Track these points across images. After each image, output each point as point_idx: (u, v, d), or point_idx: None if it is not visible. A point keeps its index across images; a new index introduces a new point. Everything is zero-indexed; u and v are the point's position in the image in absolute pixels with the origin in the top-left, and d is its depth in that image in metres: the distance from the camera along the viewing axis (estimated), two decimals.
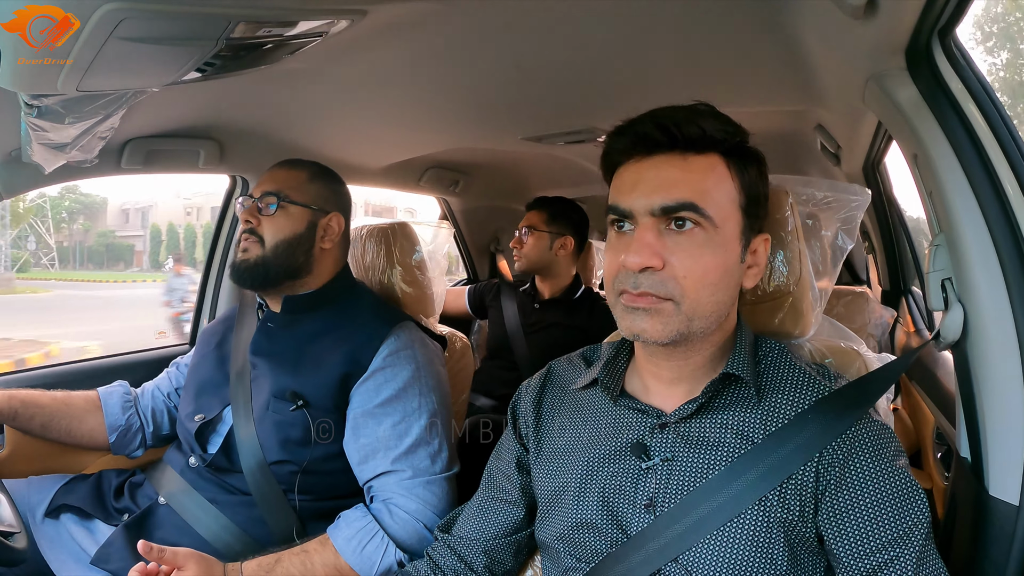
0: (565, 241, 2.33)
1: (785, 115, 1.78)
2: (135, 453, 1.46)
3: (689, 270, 0.76)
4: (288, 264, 1.30)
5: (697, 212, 0.76)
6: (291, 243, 1.30)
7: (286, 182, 1.33)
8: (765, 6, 1.02)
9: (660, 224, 0.77)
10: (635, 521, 0.81)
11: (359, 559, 1.12)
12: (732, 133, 0.80)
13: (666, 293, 0.76)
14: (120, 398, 1.44)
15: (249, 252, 1.30)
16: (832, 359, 0.99)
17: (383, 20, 1.00)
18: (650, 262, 0.76)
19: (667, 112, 0.79)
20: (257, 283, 1.31)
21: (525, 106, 1.65)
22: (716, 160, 0.79)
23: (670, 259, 0.76)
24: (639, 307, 0.77)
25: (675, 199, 0.76)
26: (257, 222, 1.30)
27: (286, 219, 1.31)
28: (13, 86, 0.85)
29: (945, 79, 0.85)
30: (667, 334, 0.77)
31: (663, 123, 0.78)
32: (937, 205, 0.87)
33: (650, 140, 0.79)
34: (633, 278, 0.77)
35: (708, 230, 0.77)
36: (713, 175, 0.78)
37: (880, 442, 0.77)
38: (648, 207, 0.77)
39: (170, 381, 1.51)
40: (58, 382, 1.44)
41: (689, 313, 0.77)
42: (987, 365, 0.82)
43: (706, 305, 0.78)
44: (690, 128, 0.78)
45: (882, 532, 0.73)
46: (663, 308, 0.77)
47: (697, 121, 0.78)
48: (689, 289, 0.76)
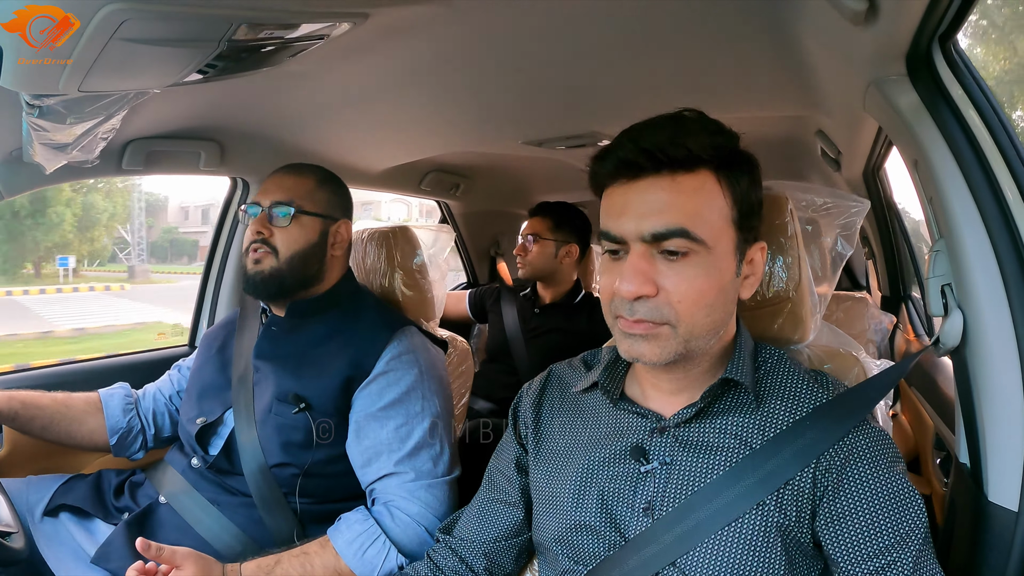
0: (570, 248, 2.32)
1: (786, 120, 1.78)
2: (136, 455, 1.45)
3: (684, 295, 0.75)
4: (303, 275, 1.30)
5: (688, 238, 0.74)
6: (306, 254, 1.29)
7: (296, 190, 1.30)
8: (766, 12, 1.02)
9: (652, 249, 0.76)
10: (633, 524, 0.81)
11: (360, 562, 1.12)
12: (721, 144, 0.77)
13: (661, 319, 0.76)
14: (121, 400, 1.43)
15: (262, 264, 1.27)
16: (831, 365, 0.99)
17: (385, 23, 1.01)
18: (643, 290, 0.75)
19: (649, 133, 0.77)
20: (272, 294, 1.30)
21: (526, 110, 1.65)
22: (706, 177, 0.77)
23: (664, 284, 0.76)
24: (636, 333, 0.77)
25: (665, 225, 0.74)
26: (269, 232, 1.27)
27: (300, 230, 1.29)
28: (14, 86, 0.85)
29: (946, 85, 0.85)
30: (665, 356, 0.77)
31: (646, 148, 0.75)
32: (937, 211, 0.87)
33: (633, 165, 0.77)
34: (628, 305, 0.77)
35: (701, 253, 0.76)
36: (703, 194, 0.76)
37: (878, 448, 0.77)
38: (638, 233, 0.75)
39: (171, 384, 1.50)
40: (59, 383, 1.43)
41: (686, 335, 0.77)
42: (987, 371, 0.81)
43: (702, 326, 0.77)
44: (676, 150, 0.75)
45: (879, 537, 0.73)
46: (660, 332, 0.77)
47: (682, 140, 0.75)
48: (684, 313, 0.76)
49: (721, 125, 0.79)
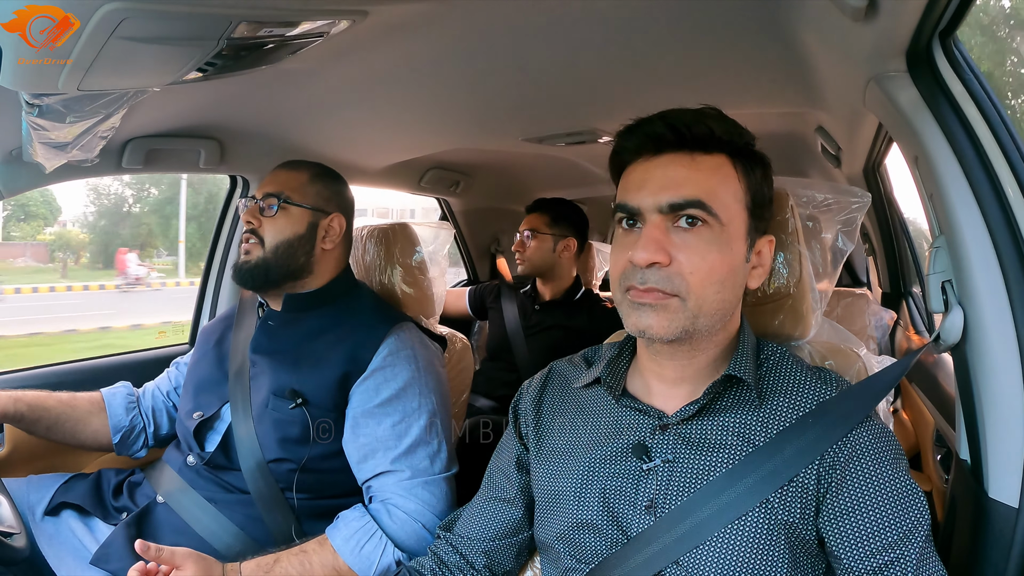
0: (568, 243, 2.33)
1: (786, 117, 1.78)
2: (138, 454, 1.46)
3: (696, 267, 0.77)
4: (288, 265, 1.31)
5: (704, 209, 0.77)
6: (291, 244, 1.31)
7: (287, 183, 1.33)
8: (766, 8, 1.02)
9: (667, 221, 0.79)
10: (636, 522, 0.81)
11: (357, 559, 1.12)
12: (739, 135, 0.82)
13: (672, 289, 0.77)
14: (124, 399, 1.44)
15: (251, 254, 1.31)
16: (832, 361, 0.99)
17: (384, 21, 1.00)
18: (657, 257, 0.76)
19: (676, 113, 0.81)
20: (258, 284, 1.31)
21: (526, 107, 1.65)
22: (723, 160, 0.81)
23: (677, 256, 0.77)
24: (645, 303, 0.78)
25: (683, 196, 0.77)
26: (258, 223, 1.31)
27: (286, 220, 1.31)
28: (14, 85, 0.85)
29: (946, 81, 0.85)
30: (672, 330, 0.78)
31: (672, 123, 0.80)
32: (938, 207, 0.87)
33: (659, 139, 0.81)
34: (640, 274, 0.78)
35: (715, 228, 0.78)
36: (720, 174, 0.80)
37: (881, 445, 0.77)
38: (656, 204, 0.78)
39: (169, 380, 1.51)
40: (60, 382, 1.44)
41: (695, 310, 0.78)
42: (987, 367, 0.81)
43: (711, 302, 0.78)
44: (699, 128, 0.80)
45: (883, 534, 0.73)
46: (669, 304, 0.77)
47: (705, 122, 0.80)
48: (695, 285, 0.77)
49: (738, 123, 0.83)
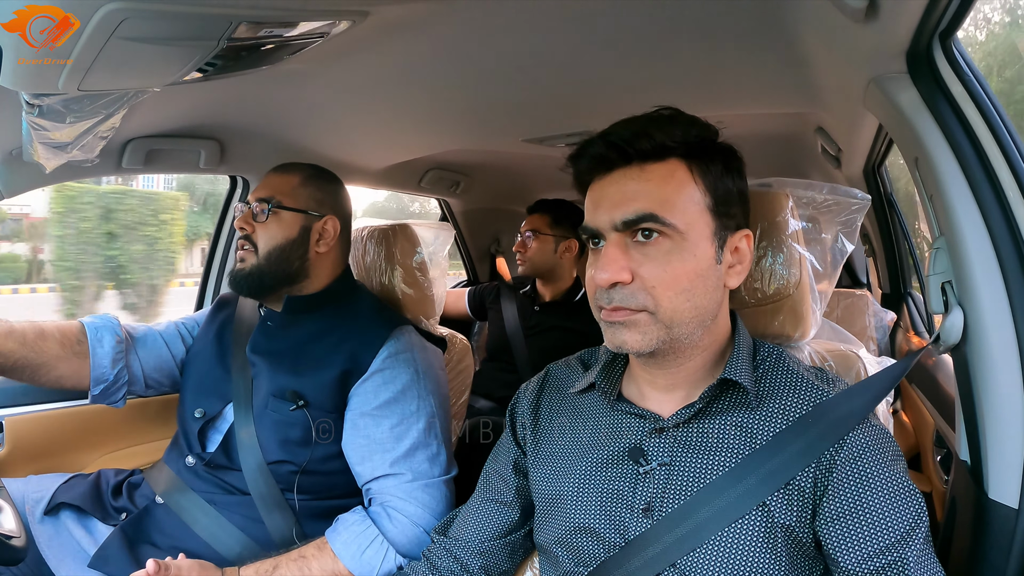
0: (570, 244, 2.33)
1: (786, 118, 1.78)
2: (118, 404, 1.38)
3: (658, 279, 0.77)
4: (283, 271, 1.30)
5: (658, 221, 0.77)
6: (284, 249, 1.29)
7: (278, 187, 1.32)
8: (766, 9, 1.02)
9: (626, 238, 0.79)
10: (634, 526, 0.81)
11: (359, 564, 1.12)
12: (692, 135, 0.80)
13: (638, 305, 0.77)
14: (111, 349, 1.33)
15: (245, 261, 1.29)
16: (832, 362, 0.99)
17: (384, 21, 1.00)
18: (618, 277, 0.77)
19: (619, 128, 0.80)
20: (254, 291, 1.31)
21: (526, 108, 1.65)
22: (676, 165, 0.79)
23: (639, 271, 0.77)
24: (616, 321, 0.79)
25: (635, 211, 0.77)
26: (251, 229, 1.30)
27: (278, 225, 1.30)
28: (14, 86, 0.85)
29: (946, 82, 0.85)
30: (647, 344, 0.78)
31: (613, 141, 0.79)
32: (938, 208, 0.87)
33: (603, 159, 0.81)
34: (606, 294, 0.79)
35: (673, 237, 0.77)
36: (673, 181, 0.79)
37: (878, 446, 0.77)
38: (611, 222, 0.79)
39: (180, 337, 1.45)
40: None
41: (667, 321, 0.78)
42: (987, 368, 0.81)
43: (683, 311, 0.78)
44: (641, 142, 0.78)
45: (880, 536, 0.73)
46: (638, 320, 0.78)
47: (650, 132, 0.78)
48: (661, 298, 0.77)
49: (697, 119, 0.82)
